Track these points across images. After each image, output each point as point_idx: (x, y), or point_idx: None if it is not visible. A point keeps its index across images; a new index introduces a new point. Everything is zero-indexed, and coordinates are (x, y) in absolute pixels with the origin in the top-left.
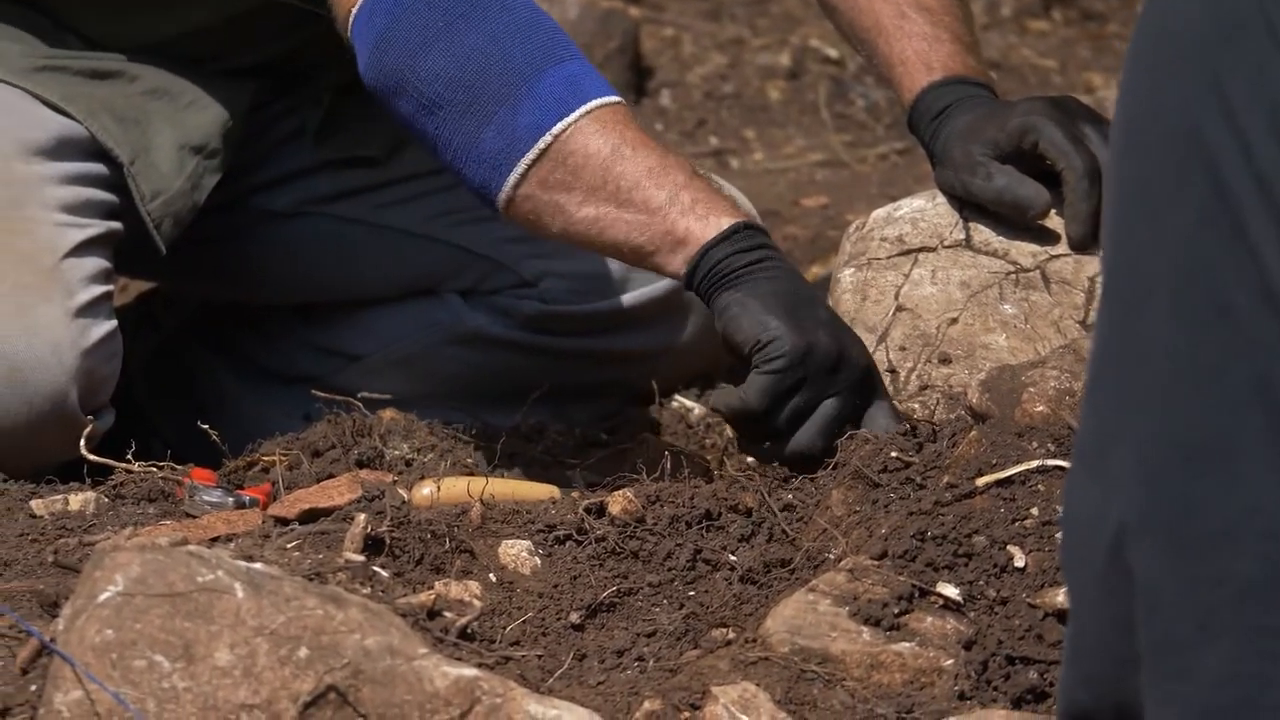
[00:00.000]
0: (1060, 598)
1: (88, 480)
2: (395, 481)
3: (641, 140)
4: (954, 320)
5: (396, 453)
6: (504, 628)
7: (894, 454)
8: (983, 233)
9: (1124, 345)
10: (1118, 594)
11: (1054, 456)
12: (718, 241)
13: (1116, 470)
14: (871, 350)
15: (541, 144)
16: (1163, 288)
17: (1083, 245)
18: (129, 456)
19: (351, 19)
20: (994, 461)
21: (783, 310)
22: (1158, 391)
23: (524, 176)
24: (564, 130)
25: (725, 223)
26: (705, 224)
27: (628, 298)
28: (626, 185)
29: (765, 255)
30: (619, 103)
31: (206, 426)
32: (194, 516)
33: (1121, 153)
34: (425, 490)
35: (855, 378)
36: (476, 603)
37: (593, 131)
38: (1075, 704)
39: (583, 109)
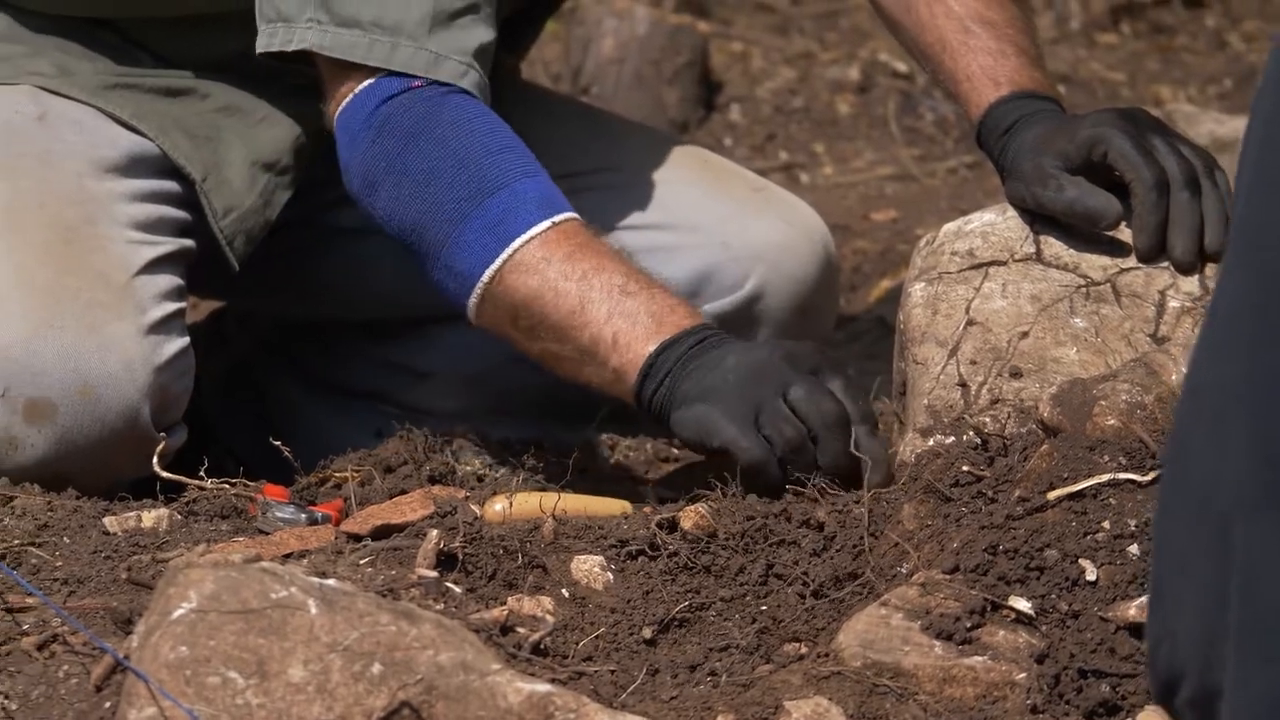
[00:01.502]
0: (1133, 611)
1: (161, 497)
2: (467, 497)
3: (563, 273)
4: (1025, 334)
5: (468, 468)
6: (577, 643)
7: (965, 468)
8: (1053, 246)
9: (1257, 321)
10: (1217, 562)
11: (1125, 470)
12: (642, 379)
13: (1235, 439)
14: (942, 364)
15: (477, 291)
16: None
17: (1150, 257)
18: (202, 473)
19: (334, 124)
20: (1065, 475)
21: (699, 395)
22: None
23: (476, 314)
24: (492, 278)
25: (644, 354)
26: (627, 361)
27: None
28: (556, 330)
29: (683, 365)
30: (549, 228)
31: (279, 443)
32: (267, 533)
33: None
34: (497, 506)
35: (776, 375)
36: (549, 618)
37: (516, 277)
38: (1166, 661)
39: (504, 255)
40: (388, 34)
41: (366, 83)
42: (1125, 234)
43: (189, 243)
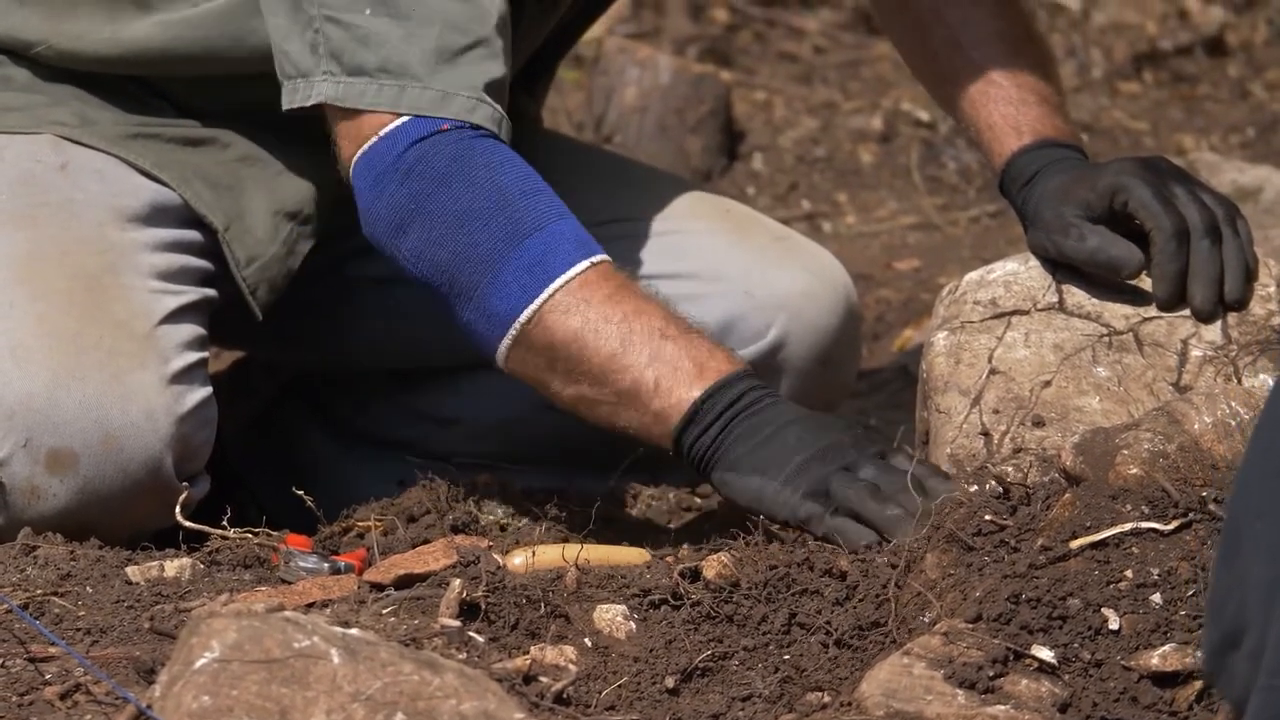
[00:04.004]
0: (1156, 660)
1: (183, 546)
2: (490, 546)
3: (604, 315)
4: (1047, 383)
5: (491, 518)
6: (599, 692)
7: (988, 517)
8: (1075, 295)
9: None
10: None
11: (1148, 519)
12: (685, 425)
13: None
14: (965, 413)
15: (512, 333)
16: None
17: (1170, 306)
18: (225, 523)
19: (351, 168)
20: (1088, 524)
21: (754, 463)
22: None
23: (507, 357)
24: (530, 319)
25: (688, 400)
26: (669, 406)
27: None
28: (595, 372)
29: (730, 418)
30: (587, 268)
31: (302, 492)
32: (289, 582)
33: None
34: (519, 557)
35: (843, 453)
36: (572, 667)
37: (556, 318)
38: (1234, 612)
39: (544, 295)
40: (394, 77)
41: (390, 126)
42: (1148, 283)
43: (211, 292)
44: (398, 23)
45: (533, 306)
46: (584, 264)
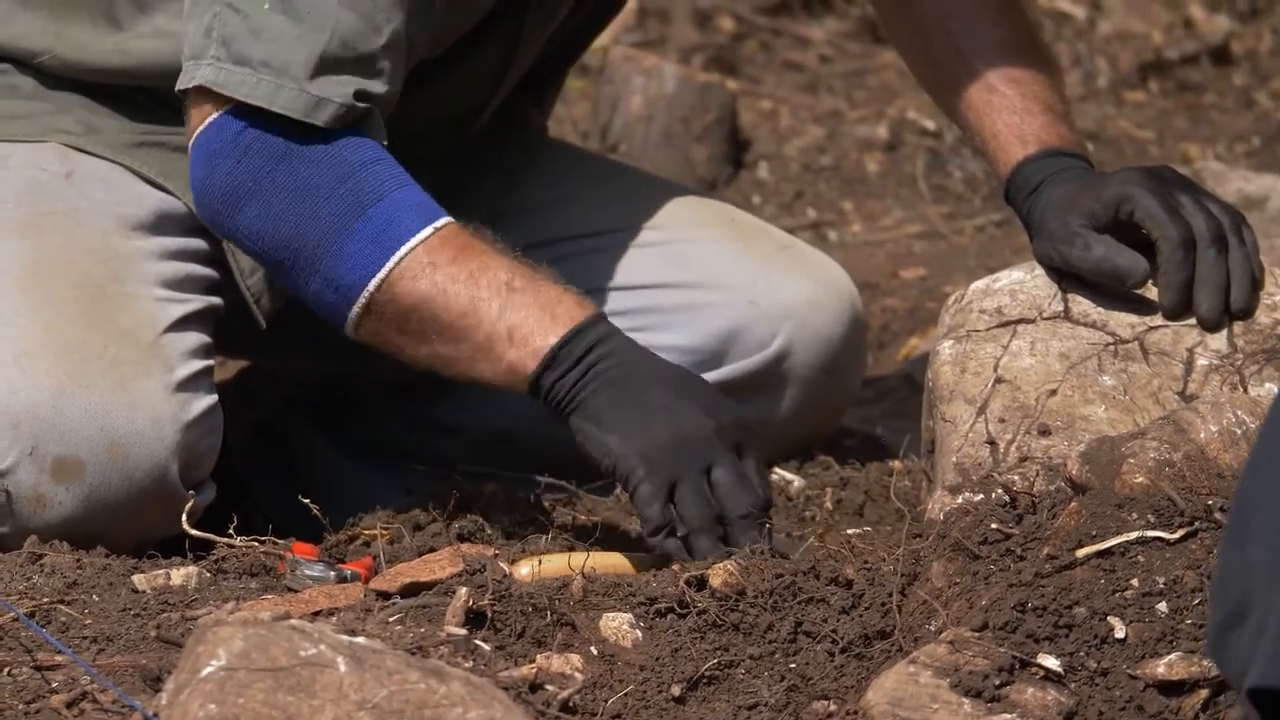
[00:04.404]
0: (1161, 669)
1: (189, 555)
2: (496, 555)
3: (451, 275)
4: (1053, 392)
5: (498, 526)
6: (605, 700)
7: (994, 526)
8: (1081, 304)
9: None
10: None
11: (1154, 527)
12: (542, 370)
13: None
14: (970, 422)
15: (362, 301)
16: None
17: (1175, 314)
18: (230, 531)
19: (191, 143)
20: (1094, 533)
21: (615, 421)
22: None
23: (358, 325)
24: (378, 287)
25: (544, 347)
26: (525, 354)
27: (725, 371)
28: (447, 331)
29: (589, 364)
30: (431, 234)
31: (308, 501)
32: (296, 591)
33: None
34: (526, 564)
35: (704, 447)
36: (578, 675)
37: (405, 284)
38: (1240, 588)
39: (390, 263)
40: (274, 74)
41: (228, 108)
42: (1154, 292)
43: (216, 300)
44: (293, 22)
45: (380, 275)
46: (428, 230)
